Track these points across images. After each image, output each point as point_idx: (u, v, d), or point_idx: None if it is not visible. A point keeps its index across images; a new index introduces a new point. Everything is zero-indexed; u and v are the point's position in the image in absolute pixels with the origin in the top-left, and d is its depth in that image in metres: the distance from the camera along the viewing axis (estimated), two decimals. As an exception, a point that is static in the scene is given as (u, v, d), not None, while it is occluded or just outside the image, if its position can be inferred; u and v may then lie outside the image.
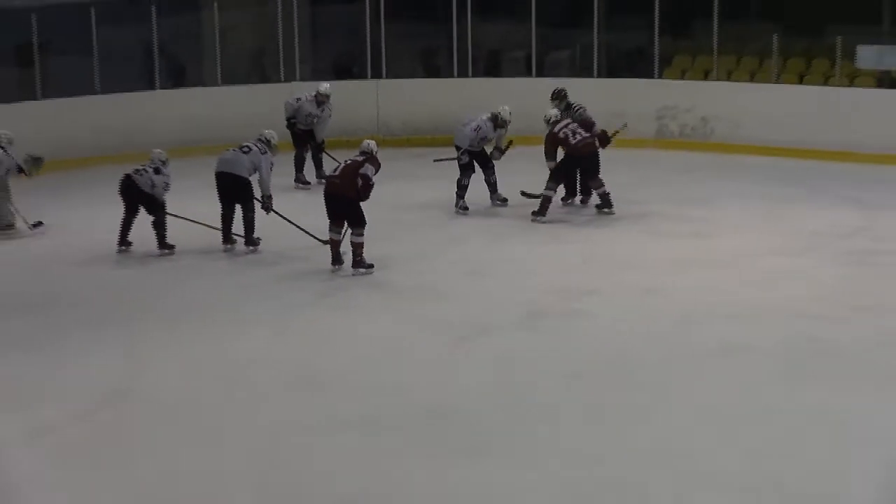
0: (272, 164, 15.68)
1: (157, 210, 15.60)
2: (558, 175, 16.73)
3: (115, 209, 16.67)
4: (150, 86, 21.30)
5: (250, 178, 15.43)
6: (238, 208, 15.53)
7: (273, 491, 9.32)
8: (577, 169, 17.00)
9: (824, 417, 10.25)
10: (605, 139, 17.20)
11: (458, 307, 13.47)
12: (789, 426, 10.16)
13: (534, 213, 16.80)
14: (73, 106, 20.63)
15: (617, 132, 17.52)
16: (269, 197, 15.63)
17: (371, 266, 14.53)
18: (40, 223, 16.60)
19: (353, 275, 14.51)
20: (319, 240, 15.44)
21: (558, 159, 16.79)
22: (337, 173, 14.74)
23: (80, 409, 10.83)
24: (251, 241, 15.54)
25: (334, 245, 14.62)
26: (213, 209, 15.73)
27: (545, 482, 9.24)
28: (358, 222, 14.44)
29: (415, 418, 10.48)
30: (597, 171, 16.84)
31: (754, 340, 12.09)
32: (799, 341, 12.05)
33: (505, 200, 17.57)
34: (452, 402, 10.83)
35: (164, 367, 11.89)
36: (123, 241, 15.75)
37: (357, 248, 14.53)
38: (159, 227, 15.60)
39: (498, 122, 17.16)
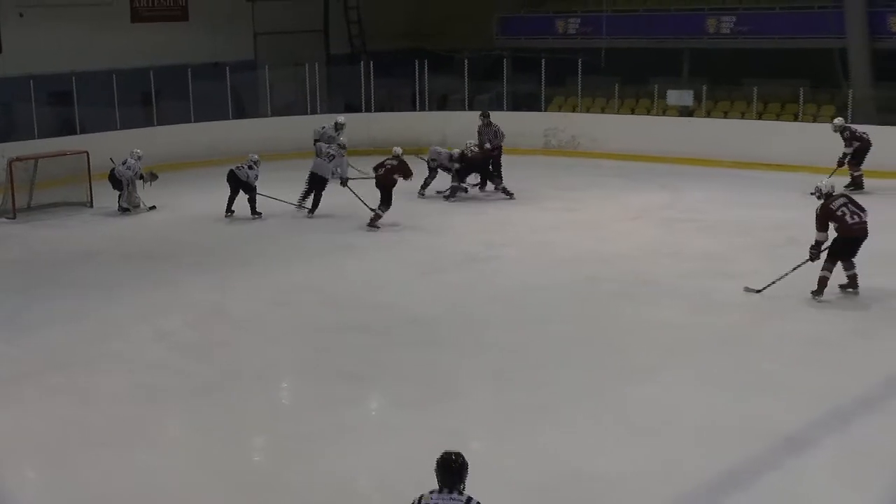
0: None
1: (250, 191, 15.60)
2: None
3: (206, 195, 16.67)
4: (226, 117, 21.06)
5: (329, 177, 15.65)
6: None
7: (309, 368, 9.50)
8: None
9: (645, 323, 10.46)
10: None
11: (421, 253, 13.46)
12: (625, 329, 10.34)
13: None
14: (176, 130, 20.30)
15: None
16: (347, 179, 15.76)
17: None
18: (154, 207, 16.39)
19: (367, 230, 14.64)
20: (369, 207, 15.23)
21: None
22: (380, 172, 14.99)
23: (189, 319, 10.88)
24: (312, 210, 15.70)
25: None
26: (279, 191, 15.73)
27: (479, 364, 9.41)
28: (385, 202, 14.82)
29: (396, 323, 10.58)
30: (497, 172, 16.97)
31: (602, 274, 12.20)
32: (629, 275, 12.14)
33: (466, 190, 17.10)
34: (418, 313, 10.93)
35: (242, 292, 11.88)
36: (228, 210, 15.75)
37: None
38: (251, 202, 15.62)
39: (453, 158, 16.82)
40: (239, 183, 15.60)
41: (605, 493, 7.01)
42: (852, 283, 10.94)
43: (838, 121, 16.61)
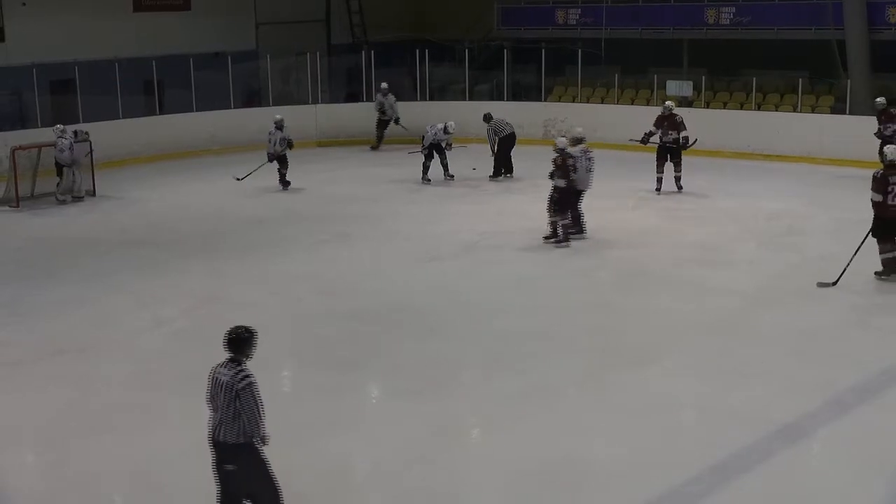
0: None
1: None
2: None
3: (206, 184, 16.67)
4: (227, 107, 20.99)
5: None
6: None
7: (303, 354, 9.51)
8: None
9: (641, 311, 10.42)
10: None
11: (418, 243, 13.40)
12: (621, 317, 10.30)
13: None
14: (178, 119, 20.27)
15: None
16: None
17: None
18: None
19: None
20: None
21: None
22: None
23: (185, 307, 10.85)
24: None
25: None
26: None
27: (476, 351, 9.41)
28: None
29: (391, 311, 10.56)
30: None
31: (599, 262, 12.19)
32: (625, 261, 12.14)
33: (452, 176, 17.30)
34: (414, 301, 10.91)
35: (236, 281, 11.84)
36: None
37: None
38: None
39: (447, 130, 17.01)
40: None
41: (600, 479, 7.00)
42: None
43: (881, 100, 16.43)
